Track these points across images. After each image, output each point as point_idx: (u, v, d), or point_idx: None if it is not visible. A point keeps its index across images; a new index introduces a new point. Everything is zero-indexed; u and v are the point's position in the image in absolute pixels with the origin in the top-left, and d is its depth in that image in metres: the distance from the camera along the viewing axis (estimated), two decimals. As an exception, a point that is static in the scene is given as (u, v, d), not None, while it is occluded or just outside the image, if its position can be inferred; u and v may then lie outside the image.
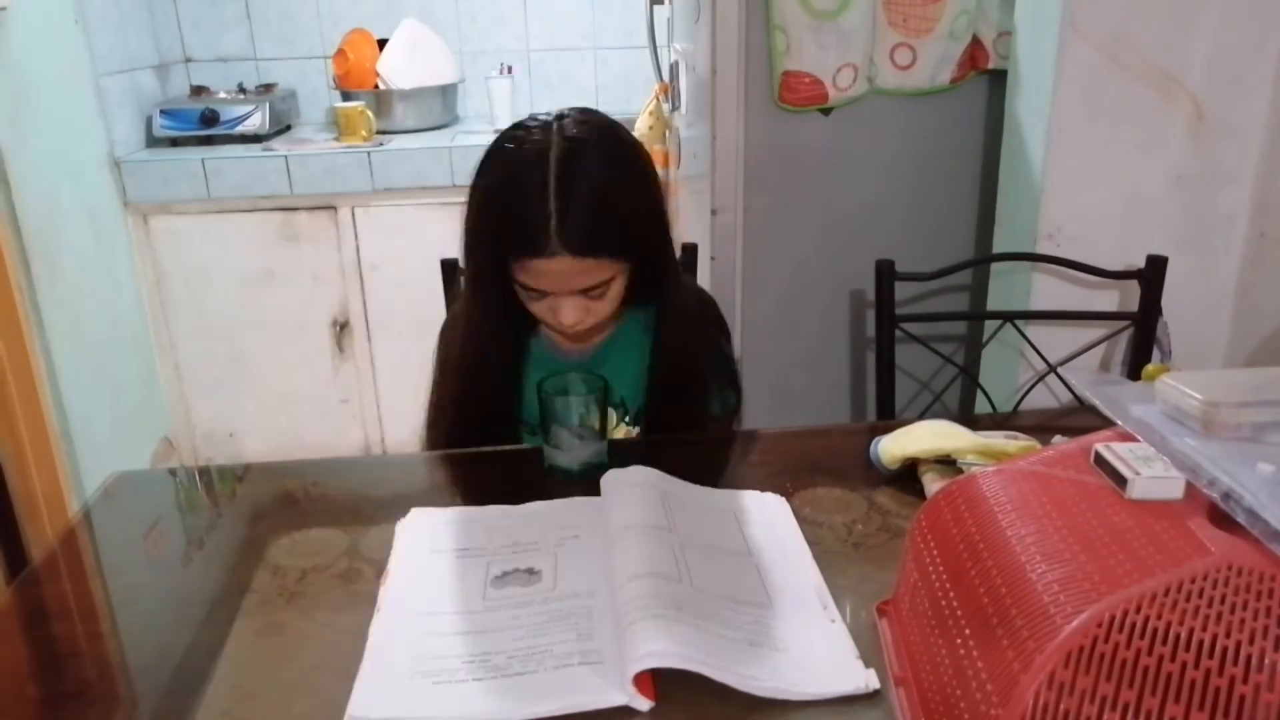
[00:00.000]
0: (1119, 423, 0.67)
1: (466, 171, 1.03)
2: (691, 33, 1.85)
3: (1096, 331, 1.55)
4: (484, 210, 1.01)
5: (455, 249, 1.18)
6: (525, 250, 0.97)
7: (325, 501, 1.01)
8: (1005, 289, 1.65)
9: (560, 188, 0.95)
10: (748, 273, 1.78)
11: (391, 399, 2.55)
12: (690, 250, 1.44)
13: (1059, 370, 1.49)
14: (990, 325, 1.51)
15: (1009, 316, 1.48)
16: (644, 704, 0.66)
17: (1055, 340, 1.52)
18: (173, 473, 1.20)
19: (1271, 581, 0.50)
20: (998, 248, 1.67)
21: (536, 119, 1.01)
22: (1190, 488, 0.59)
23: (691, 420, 1.16)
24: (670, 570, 0.77)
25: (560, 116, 1.01)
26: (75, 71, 2.19)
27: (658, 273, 1.08)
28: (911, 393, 1.82)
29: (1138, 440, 0.64)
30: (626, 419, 1.17)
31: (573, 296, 1.01)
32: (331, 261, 2.44)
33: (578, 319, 1.02)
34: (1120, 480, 0.61)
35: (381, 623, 0.76)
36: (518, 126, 1.02)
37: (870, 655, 0.71)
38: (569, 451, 0.98)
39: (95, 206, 2.21)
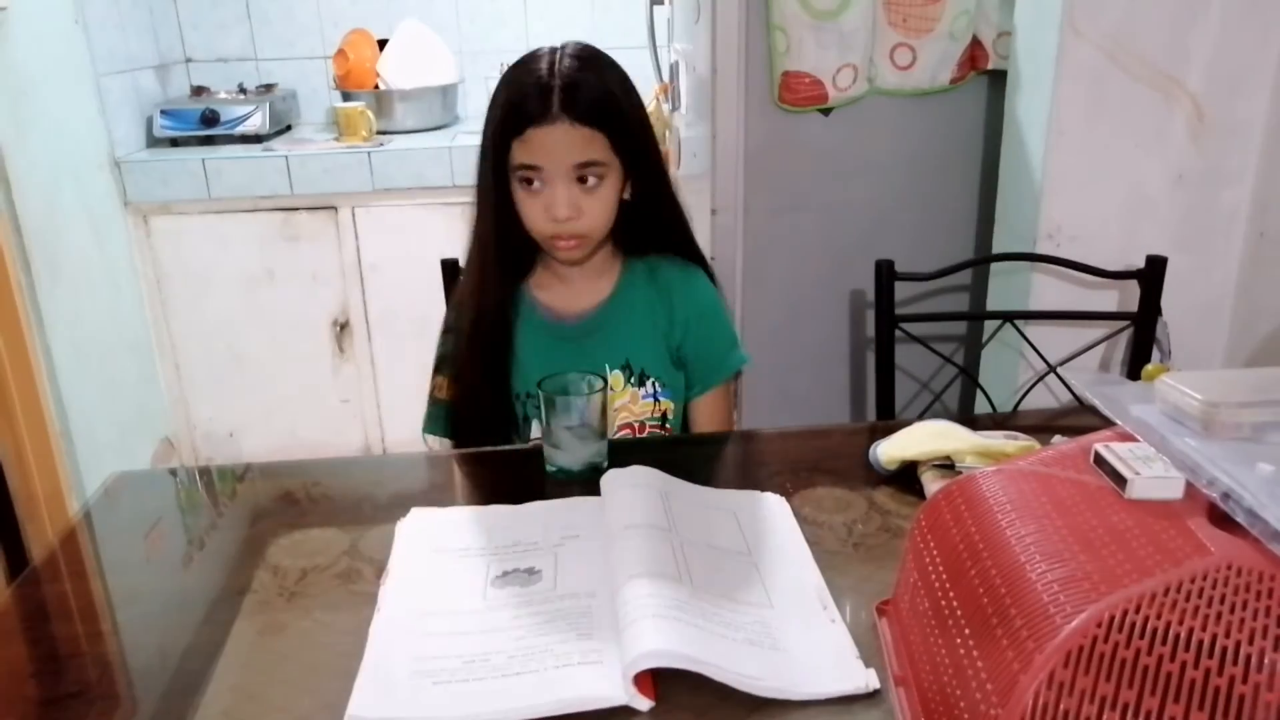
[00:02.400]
0: (1119, 423, 0.67)
1: (466, 171, 1.04)
2: (691, 33, 1.85)
3: (1096, 331, 1.55)
4: (493, 108, 1.07)
5: (455, 249, 1.19)
6: (526, 121, 1.03)
7: (325, 501, 1.01)
8: (1005, 289, 1.65)
9: (561, 67, 1.05)
10: (748, 273, 1.78)
11: (391, 399, 2.55)
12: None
13: (1059, 370, 1.49)
14: (990, 325, 1.51)
15: (1009, 316, 1.48)
16: (644, 704, 0.66)
17: (1055, 340, 1.52)
18: (173, 473, 1.20)
19: (1271, 581, 0.50)
20: (997, 248, 1.67)
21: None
22: (1190, 488, 0.59)
23: (715, 376, 1.21)
24: (670, 570, 0.77)
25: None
26: (75, 71, 2.19)
27: (657, 208, 1.14)
28: (911, 393, 1.82)
29: (1137, 440, 0.64)
30: (632, 381, 1.17)
31: (567, 185, 1.05)
32: (331, 261, 2.44)
33: (570, 213, 1.05)
34: (1120, 480, 0.61)
35: (381, 623, 0.76)
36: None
37: (870, 655, 0.71)
38: (569, 451, 0.98)
39: (95, 206, 2.21)
